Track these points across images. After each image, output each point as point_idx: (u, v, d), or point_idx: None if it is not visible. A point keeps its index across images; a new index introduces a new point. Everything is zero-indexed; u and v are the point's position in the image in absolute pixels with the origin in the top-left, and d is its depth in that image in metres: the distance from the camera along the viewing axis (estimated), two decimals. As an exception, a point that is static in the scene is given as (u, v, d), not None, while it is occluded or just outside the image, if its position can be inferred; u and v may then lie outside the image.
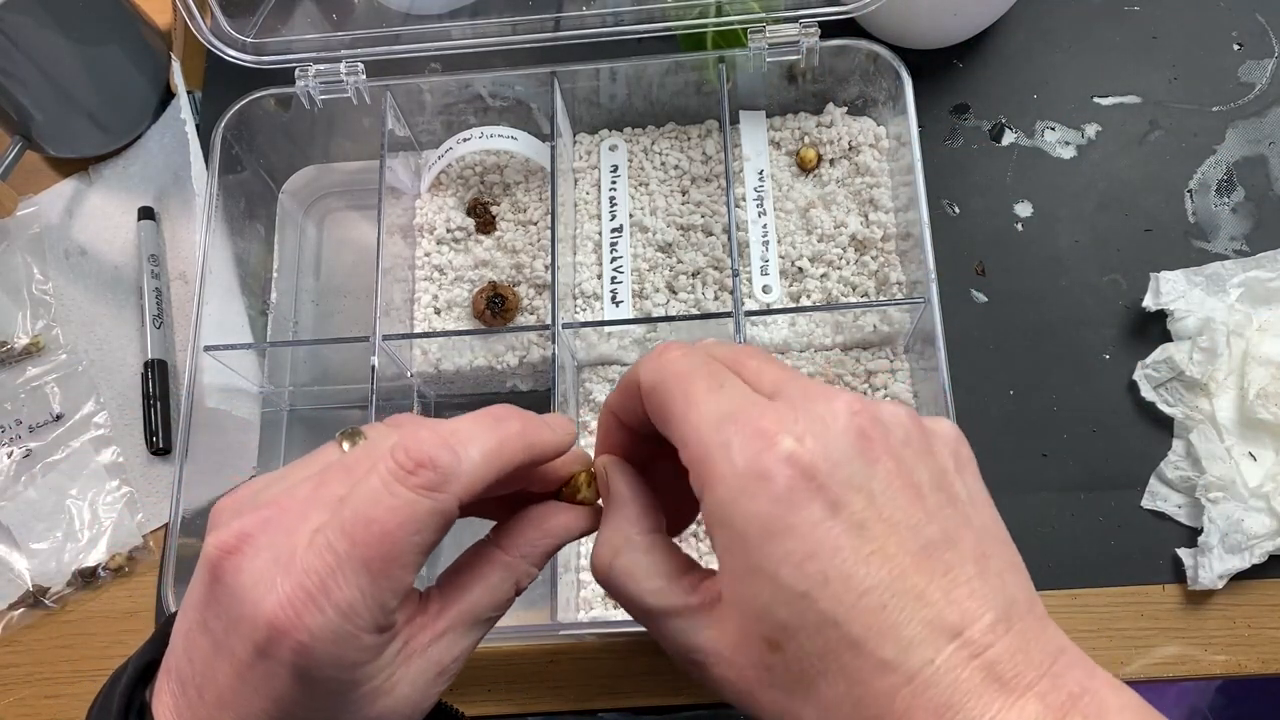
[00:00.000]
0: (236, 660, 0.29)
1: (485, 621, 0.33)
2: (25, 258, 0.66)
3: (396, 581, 0.29)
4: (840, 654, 0.27)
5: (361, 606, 0.28)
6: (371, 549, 0.28)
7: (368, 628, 0.28)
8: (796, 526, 0.27)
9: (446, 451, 0.29)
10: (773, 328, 0.57)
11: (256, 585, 0.28)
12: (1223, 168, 0.61)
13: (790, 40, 0.56)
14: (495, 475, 0.31)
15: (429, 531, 0.29)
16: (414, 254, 0.62)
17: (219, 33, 0.57)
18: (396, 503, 0.28)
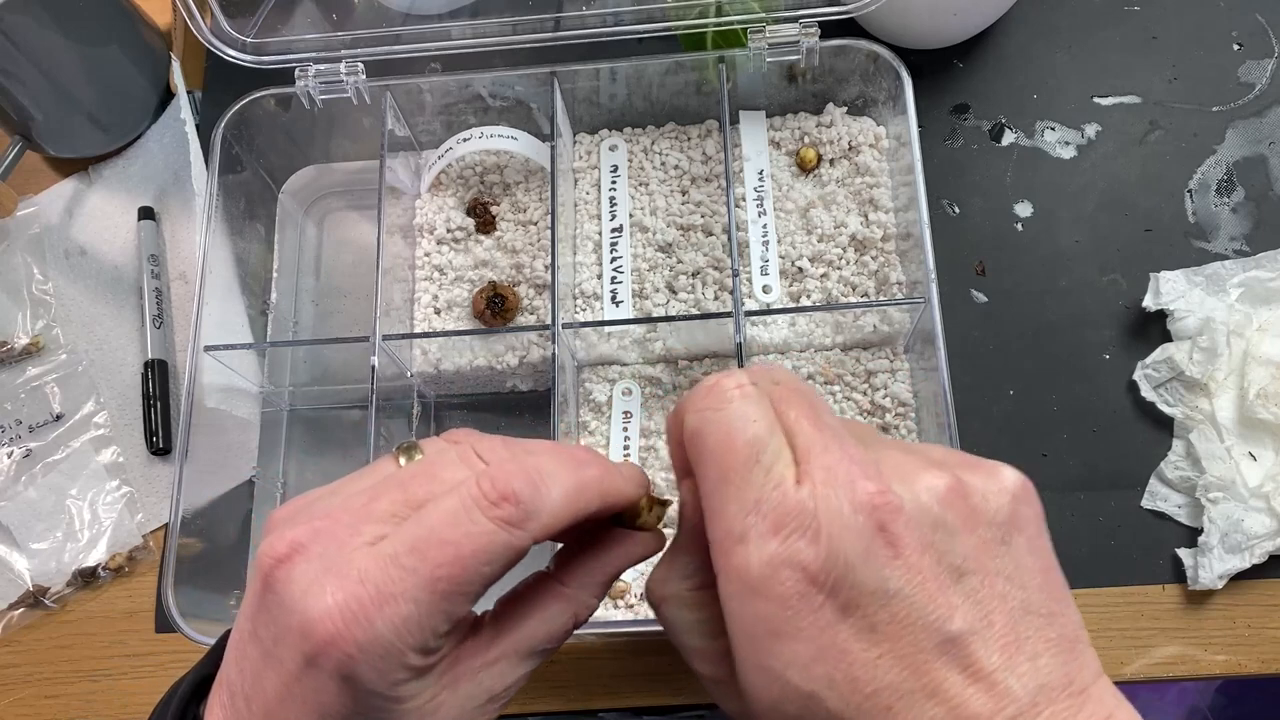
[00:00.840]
0: (284, 670, 0.28)
1: (540, 653, 0.32)
2: (25, 258, 0.66)
3: (455, 607, 0.28)
4: None
5: (415, 625, 0.28)
6: (441, 570, 0.28)
7: (416, 648, 0.28)
8: (804, 630, 0.26)
9: (530, 488, 0.29)
10: (773, 328, 0.57)
11: (306, 594, 0.28)
12: (1223, 168, 0.61)
13: (790, 40, 0.56)
14: (570, 519, 0.30)
15: (499, 564, 0.29)
16: (414, 254, 0.62)
17: (219, 33, 0.57)
18: (475, 530, 0.28)
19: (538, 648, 0.32)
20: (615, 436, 0.57)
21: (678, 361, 0.59)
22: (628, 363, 0.59)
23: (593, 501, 0.31)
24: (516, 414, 0.60)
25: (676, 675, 0.54)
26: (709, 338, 0.57)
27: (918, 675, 0.26)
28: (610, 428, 0.57)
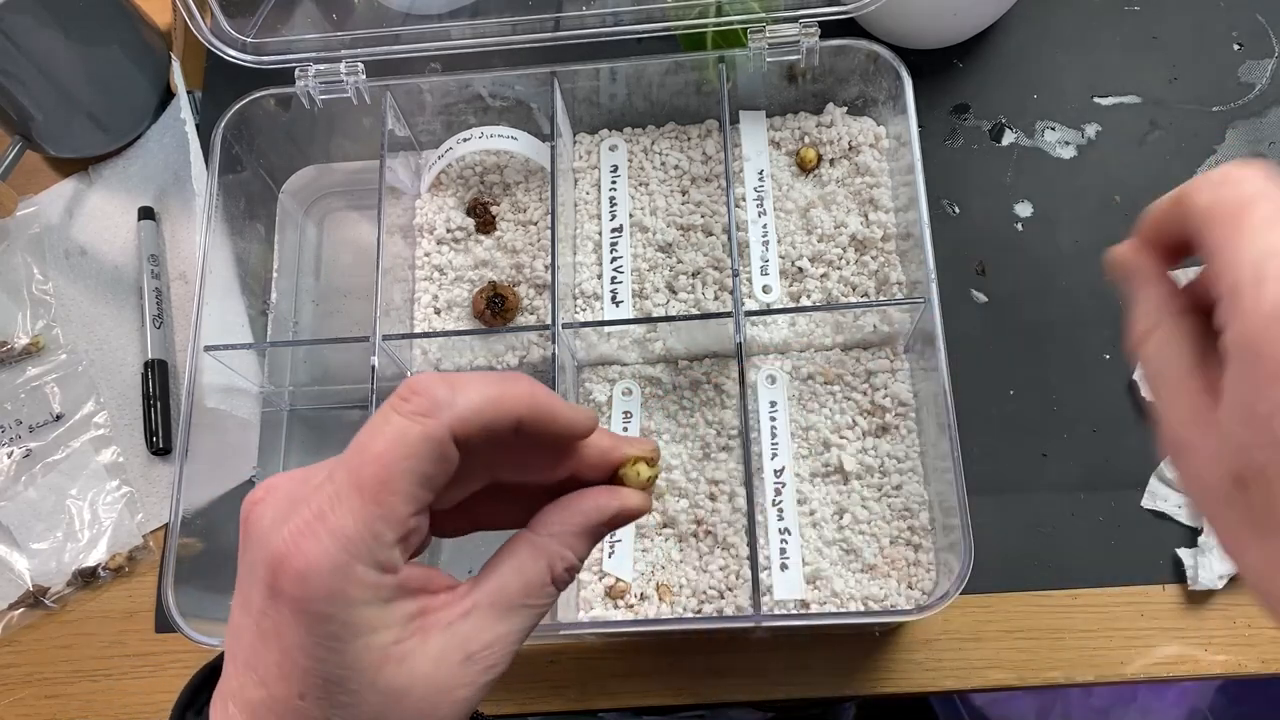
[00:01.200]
0: (255, 610, 0.28)
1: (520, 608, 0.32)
2: (25, 258, 0.66)
3: (390, 509, 0.28)
4: None
5: (354, 533, 0.28)
6: (364, 472, 0.28)
7: (363, 557, 0.28)
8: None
9: (443, 385, 0.29)
10: (773, 328, 0.57)
11: (270, 528, 0.28)
12: (1223, 168, 0.61)
13: (790, 40, 0.56)
14: (492, 417, 0.30)
15: (421, 459, 0.29)
16: (414, 254, 0.62)
17: (219, 33, 0.57)
18: (389, 428, 0.29)
19: (514, 600, 0.31)
20: (615, 436, 0.57)
21: (678, 361, 0.59)
22: (628, 363, 0.59)
23: (516, 406, 0.30)
24: (516, 414, 0.60)
25: (676, 675, 0.54)
26: (709, 338, 0.57)
27: None
28: (610, 428, 0.57)
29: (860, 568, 0.53)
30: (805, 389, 0.57)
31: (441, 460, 0.29)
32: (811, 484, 0.55)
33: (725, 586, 0.53)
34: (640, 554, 0.55)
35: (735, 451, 0.56)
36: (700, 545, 0.55)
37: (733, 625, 0.52)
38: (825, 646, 0.54)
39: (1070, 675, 0.52)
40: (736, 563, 0.54)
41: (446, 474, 0.30)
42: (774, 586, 0.52)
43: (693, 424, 0.57)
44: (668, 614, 0.53)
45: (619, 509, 0.33)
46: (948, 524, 0.49)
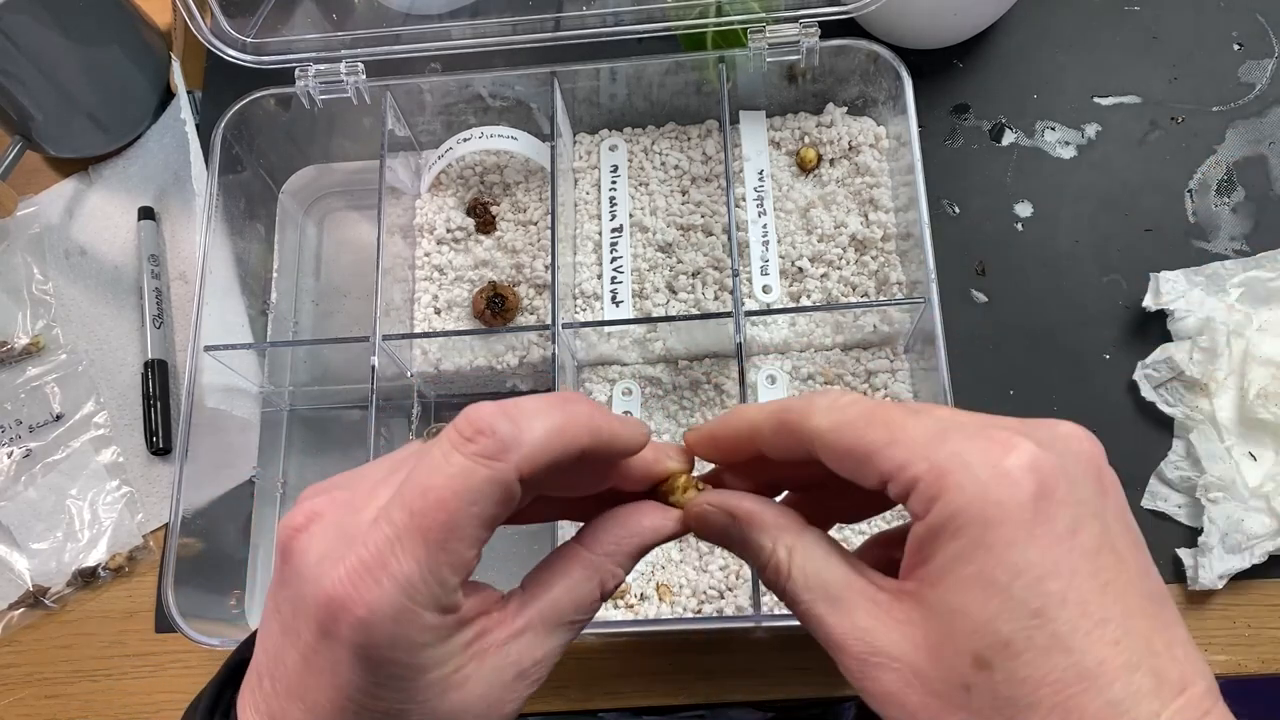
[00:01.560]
0: (302, 644, 0.28)
1: (569, 624, 0.31)
2: (25, 258, 0.66)
3: (455, 555, 0.27)
4: (1065, 685, 0.25)
5: (419, 580, 0.27)
6: (428, 518, 0.27)
7: (427, 604, 0.27)
8: (1038, 540, 0.25)
9: (506, 421, 0.28)
10: (773, 328, 0.57)
11: (321, 562, 0.27)
12: (1223, 168, 0.61)
13: (790, 40, 0.56)
14: (559, 452, 0.29)
15: (487, 502, 0.27)
16: (414, 254, 0.62)
17: (219, 33, 0.57)
18: (452, 470, 0.27)
19: (565, 617, 0.31)
20: (615, 436, 0.57)
21: (678, 361, 0.59)
22: (628, 363, 0.59)
23: (581, 434, 0.29)
24: (516, 414, 0.60)
25: (676, 675, 0.54)
26: (709, 338, 0.57)
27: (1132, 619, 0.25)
28: (610, 428, 0.57)
29: (860, 568, 0.53)
30: (805, 389, 0.57)
31: (507, 502, 0.28)
32: (811, 484, 0.55)
33: (725, 586, 0.53)
34: (640, 554, 0.55)
35: (735, 451, 0.56)
36: (700, 545, 0.55)
37: (733, 625, 0.52)
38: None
39: (1070, 675, 0.52)
40: (736, 563, 0.54)
41: (510, 512, 0.29)
42: (774, 586, 0.52)
43: (692, 424, 0.57)
44: (668, 614, 0.53)
45: (674, 531, 0.33)
46: (948, 524, 0.49)
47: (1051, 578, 0.25)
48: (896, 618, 0.27)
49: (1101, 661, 0.25)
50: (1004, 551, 0.25)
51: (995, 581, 0.25)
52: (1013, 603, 0.25)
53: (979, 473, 0.26)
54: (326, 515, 0.29)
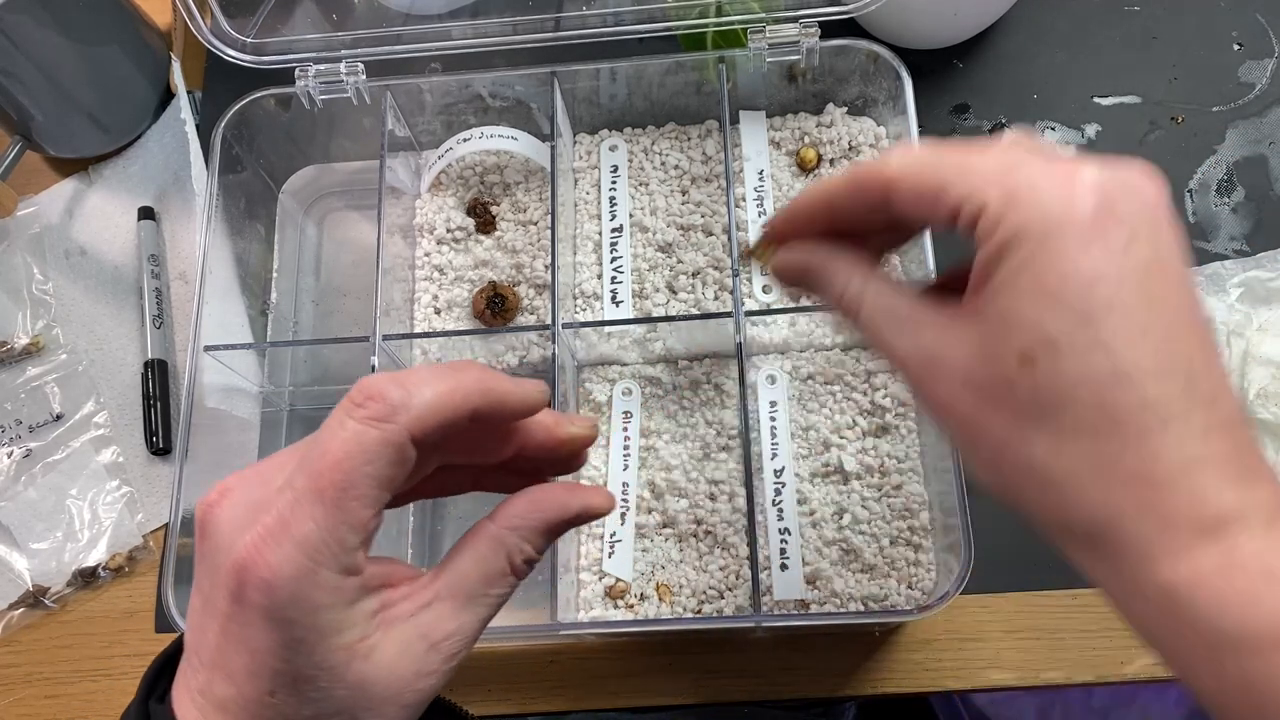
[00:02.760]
0: (220, 613, 0.29)
1: (480, 598, 0.32)
2: (25, 258, 0.66)
3: (351, 514, 0.29)
4: (1101, 384, 0.27)
5: (317, 539, 0.28)
6: (324, 479, 0.28)
7: (327, 563, 0.28)
8: (1092, 249, 0.27)
9: (395, 387, 0.30)
10: (773, 328, 0.57)
11: (232, 532, 0.29)
12: (1223, 168, 0.61)
13: (790, 40, 0.56)
14: (449, 413, 0.30)
15: (380, 463, 0.29)
16: (414, 254, 0.62)
17: (219, 33, 0.57)
18: (346, 434, 0.29)
19: (475, 590, 0.32)
20: (615, 436, 0.57)
21: (678, 361, 0.59)
22: (628, 363, 0.59)
23: (470, 396, 0.31)
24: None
25: (676, 675, 0.54)
26: (709, 338, 0.57)
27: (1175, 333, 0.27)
28: (610, 428, 0.57)
29: (860, 568, 0.53)
30: (805, 389, 0.57)
31: (401, 463, 0.30)
32: (811, 484, 0.55)
33: (725, 586, 0.53)
34: (640, 554, 0.55)
35: (735, 451, 0.56)
36: (700, 545, 0.55)
37: (733, 625, 0.52)
38: (825, 646, 0.54)
39: (1070, 675, 0.52)
40: (736, 563, 0.54)
41: (405, 473, 0.30)
42: (774, 586, 0.52)
43: (693, 424, 0.57)
44: (668, 614, 0.53)
45: (581, 508, 0.34)
46: (948, 524, 0.49)
47: (1100, 284, 0.27)
48: (955, 334, 0.30)
49: (1138, 365, 0.27)
50: (1058, 259, 0.27)
51: (1047, 285, 0.27)
52: (1061, 305, 0.27)
53: (1044, 191, 0.28)
54: (236, 490, 0.30)
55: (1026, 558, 0.54)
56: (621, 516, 0.55)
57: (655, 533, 0.55)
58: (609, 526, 0.55)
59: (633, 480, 0.56)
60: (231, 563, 0.28)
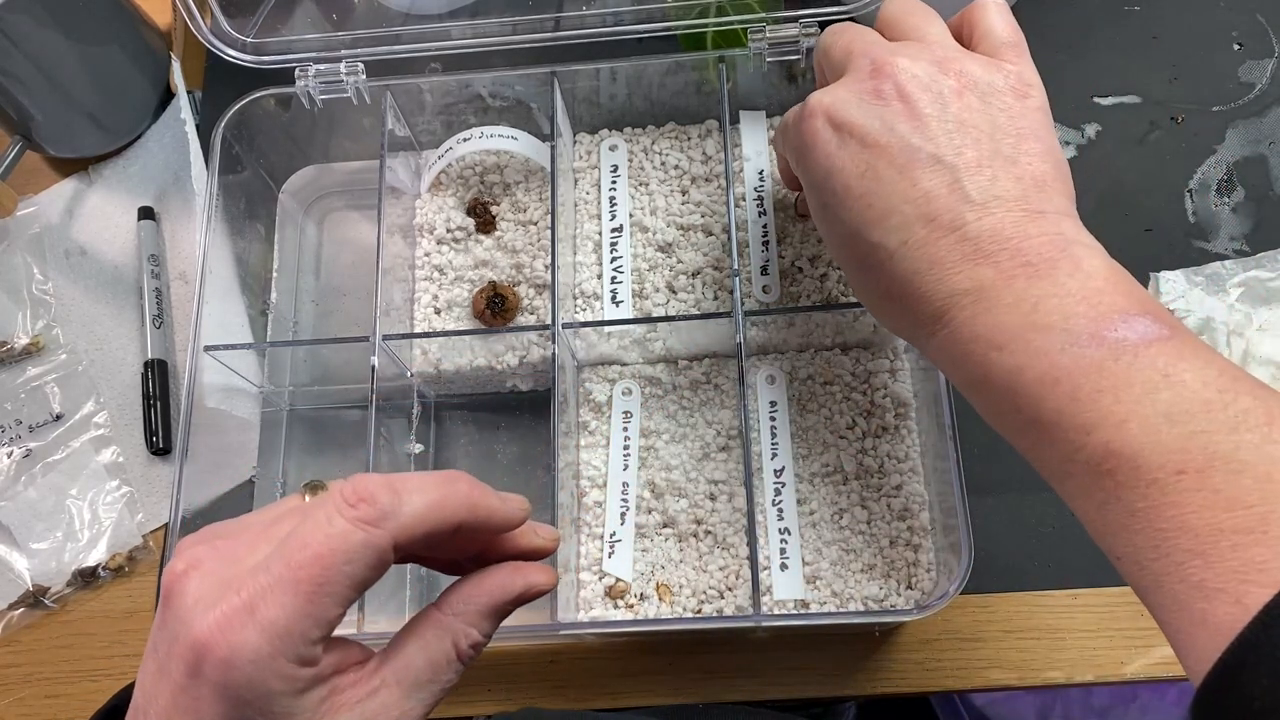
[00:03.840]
0: (173, 682, 0.29)
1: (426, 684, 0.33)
2: (25, 258, 0.66)
3: (322, 610, 0.29)
4: (850, 243, 0.39)
5: (282, 628, 0.29)
6: (303, 571, 0.29)
7: (287, 653, 0.29)
8: (817, 154, 0.40)
9: (387, 492, 0.31)
10: (773, 328, 0.57)
11: (196, 606, 0.29)
12: (1223, 168, 0.61)
13: (790, 40, 0.56)
14: (435, 524, 0.31)
15: (360, 565, 0.30)
16: (414, 254, 0.62)
17: (219, 33, 0.57)
18: (332, 531, 0.30)
19: (420, 677, 0.33)
20: (615, 436, 0.57)
21: (678, 361, 0.59)
22: (628, 363, 0.59)
23: (459, 510, 0.32)
24: (516, 414, 0.60)
25: (676, 675, 0.54)
26: (709, 338, 0.57)
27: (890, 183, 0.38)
28: (610, 428, 0.57)
29: (860, 568, 0.53)
30: (805, 389, 0.57)
31: (379, 567, 0.31)
32: (811, 484, 0.55)
33: (725, 586, 0.53)
34: (640, 554, 0.55)
35: (735, 451, 0.56)
36: (700, 545, 0.55)
37: (733, 625, 0.52)
38: (825, 646, 0.54)
39: (1070, 675, 0.52)
40: (736, 563, 0.54)
41: (380, 576, 0.31)
42: (774, 586, 0.52)
43: (693, 424, 0.57)
44: (668, 614, 0.53)
45: (524, 588, 0.35)
46: (948, 524, 0.49)
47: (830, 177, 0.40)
48: None
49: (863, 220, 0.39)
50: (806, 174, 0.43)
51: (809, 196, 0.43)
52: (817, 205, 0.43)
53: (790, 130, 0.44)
54: (206, 563, 0.31)
55: (1026, 558, 0.54)
56: (621, 516, 0.55)
57: (655, 533, 0.55)
58: (609, 526, 0.55)
59: (633, 480, 0.56)
60: (192, 636, 0.29)
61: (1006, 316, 0.35)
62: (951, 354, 0.37)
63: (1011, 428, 0.37)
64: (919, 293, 0.37)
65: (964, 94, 0.38)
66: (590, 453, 0.57)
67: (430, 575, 0.57)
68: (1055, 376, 0.34)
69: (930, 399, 0.53)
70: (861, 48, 0.41)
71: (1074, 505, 0.36)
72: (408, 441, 0.59)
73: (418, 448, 0.59)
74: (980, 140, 0.37)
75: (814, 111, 0.40)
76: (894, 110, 0.38)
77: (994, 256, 0.35)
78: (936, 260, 0.36)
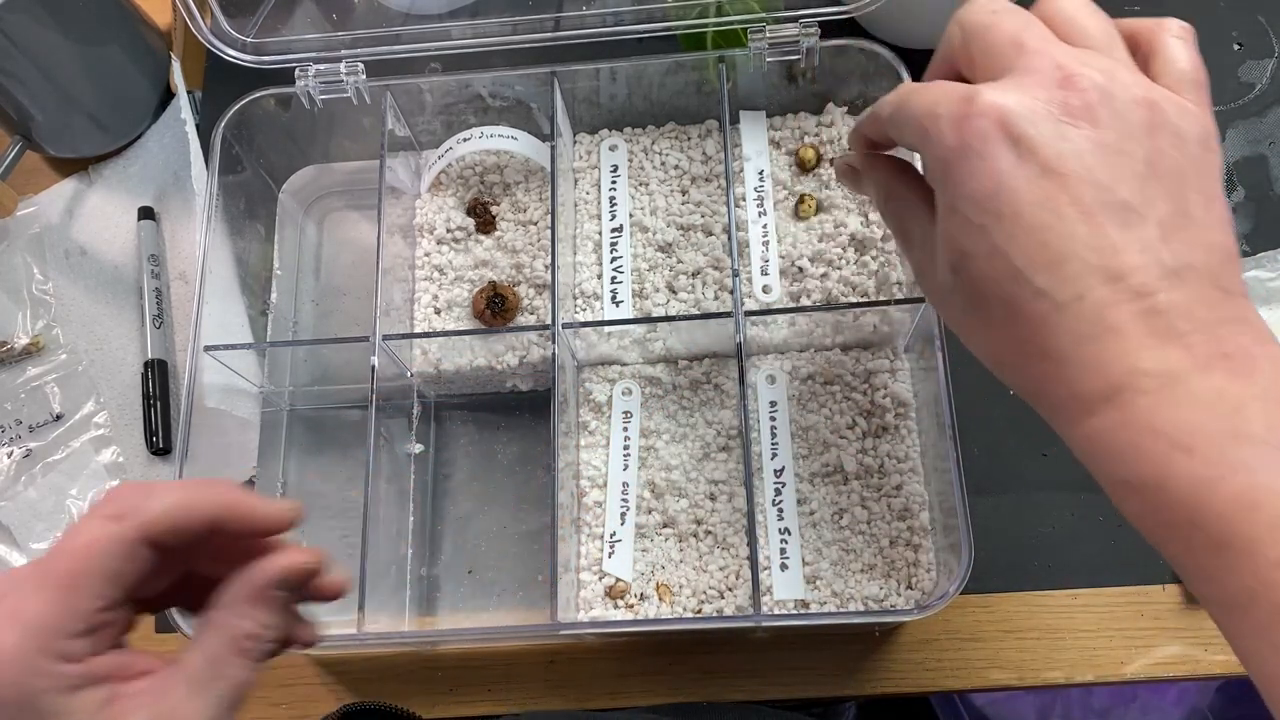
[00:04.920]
0: None
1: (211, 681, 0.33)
2: (25, 258, 0.66)
3: (77, 601, 0.30)
4: (1004, 281, 0.32)
5: (38, 624, 0.30)
6: (57, 564, 0.31)
7: (49, 651, 0.30)
8: (984, 167, 0.32)
9: (138, 493, 0.32)
10: (773, 328, 0.57)
11: None
12: (1223, 168, 0.61)
13: (790, 40, 0.56)
14: (182, 518, 0.33)
15: (110, 557, 0.31)
16: (414, 254, 0.62)
17: (219, 33, 0.57)
18: (83, 529, 0.31)
19: (204, 675, 0.33)
20: (615, 436, 0.57)
21: (678, 361, 0.59)
22: (628, 363, 0.59)
23: (210, 506, 0.33)
24: (516, 414, 0.60)
25: (676, 675, 0.54)
26: (709, 338, 0.57)
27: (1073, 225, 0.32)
28: (610, 428, 0.57)
29: (860, 568, 0.53)
30: (805, 389, 0.57)
31: (130, 559, 0.31)
32: (811, 484, 0.55)
33: (725, 586, 0.53)
34: (640, 554, 0.55)
35: (735, 451, 0.56)
36: (700, 545, 0.55)
37: (733, 625, 0.52)
38: (825, 646, 0.54)
39: (1070, 675, 0.52)
40: (736, 563, 0.54)
41: (138, 572, 0.32)
42: (774, 586, 0.52)
43: (693, 424, 0.57)
44: (668, 614, 0.53)
45: (282, 568, 0.35)
46: (948, 524, 0.49)
47: (992, 198, 0.32)
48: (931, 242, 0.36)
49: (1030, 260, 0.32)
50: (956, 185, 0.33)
51: (955, 207, 0.33)
52: (966, 221, 0.33)
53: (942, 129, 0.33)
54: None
55: (1026, 558, 0.54)
56: (621, 516, 0.55)
57: (655, 533, 0.55)
58: (609, 526, 0.55)
59: (633, 480, 0.56)
60: None
61: (1200, 415, 0.29)
62: (1115, 443, 0.31)
63: (1179, 542, 0.31)
64: (1086, 362, 0.31)
65: (1156, 134, 0.32)
66: (590, 453, 0.57)
67: (430, 575, 0.57)
68: (1256, 499, 0.28)
69: (930, 399, 0.53)
70: (1039, 44, 0.34)
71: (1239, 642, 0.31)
72: (408, 441, 0.59)
73: (418, 448, 0.59)
74: (1172, 193, 0.32)
75: (985, 111, 0.32)
76: (1084, 135, 0.32)
77: (1186, 338, 0.30)
78: (1116, 328, 0.31)
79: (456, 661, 0.55)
